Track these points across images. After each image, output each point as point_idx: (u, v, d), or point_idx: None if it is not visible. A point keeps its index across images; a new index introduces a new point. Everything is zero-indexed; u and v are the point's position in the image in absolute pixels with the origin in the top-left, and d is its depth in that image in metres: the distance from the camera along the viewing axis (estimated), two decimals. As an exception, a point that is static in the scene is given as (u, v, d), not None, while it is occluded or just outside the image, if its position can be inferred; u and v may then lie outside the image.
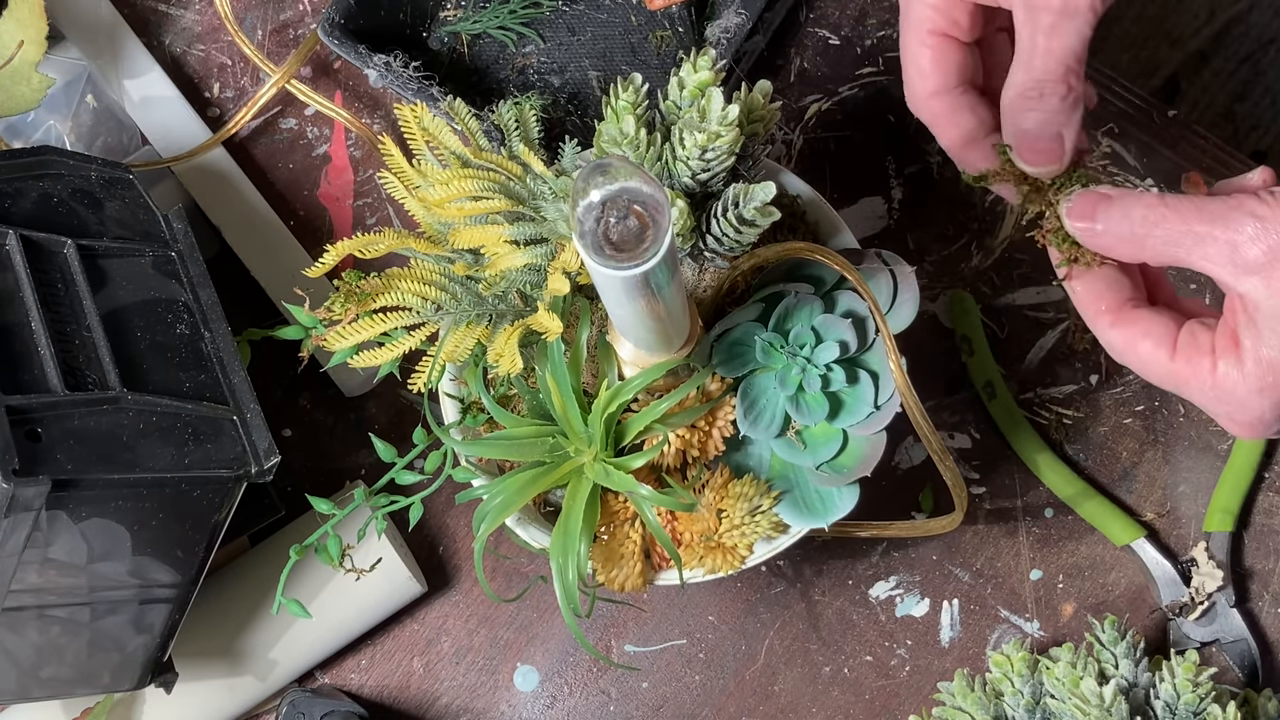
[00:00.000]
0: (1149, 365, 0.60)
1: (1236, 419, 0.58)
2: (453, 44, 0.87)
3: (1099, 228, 0.58)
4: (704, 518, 0.69)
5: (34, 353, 0.66)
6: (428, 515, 0.85)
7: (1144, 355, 0.59)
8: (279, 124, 0.90)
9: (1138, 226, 0.57)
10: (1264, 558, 0.82)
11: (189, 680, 0.79)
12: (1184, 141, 0.86)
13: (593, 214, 0.50)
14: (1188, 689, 0.70)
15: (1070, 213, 0.60)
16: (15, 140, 0.88)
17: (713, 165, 0.64)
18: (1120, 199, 0.58)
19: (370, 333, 0.66)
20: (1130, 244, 0.58)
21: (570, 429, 0.67)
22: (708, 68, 0.64)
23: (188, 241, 0.77)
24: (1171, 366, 0.59)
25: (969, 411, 0.85)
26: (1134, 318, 0.60)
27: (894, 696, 0.83)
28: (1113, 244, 0.59)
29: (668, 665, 0.84)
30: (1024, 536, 0.84)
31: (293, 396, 0.86)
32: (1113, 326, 0.60)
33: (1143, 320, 0.60)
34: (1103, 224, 0.58)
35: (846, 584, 0.84)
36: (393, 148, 0.68)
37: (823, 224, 0.74)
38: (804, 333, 0.68)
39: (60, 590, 0.68)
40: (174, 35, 0.91)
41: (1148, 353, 0.59)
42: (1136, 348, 0.60)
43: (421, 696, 0.84)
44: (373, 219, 0.89)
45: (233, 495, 0.69)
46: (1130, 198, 0.58)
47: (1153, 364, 0.59)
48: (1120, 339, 0.60)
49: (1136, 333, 0.60)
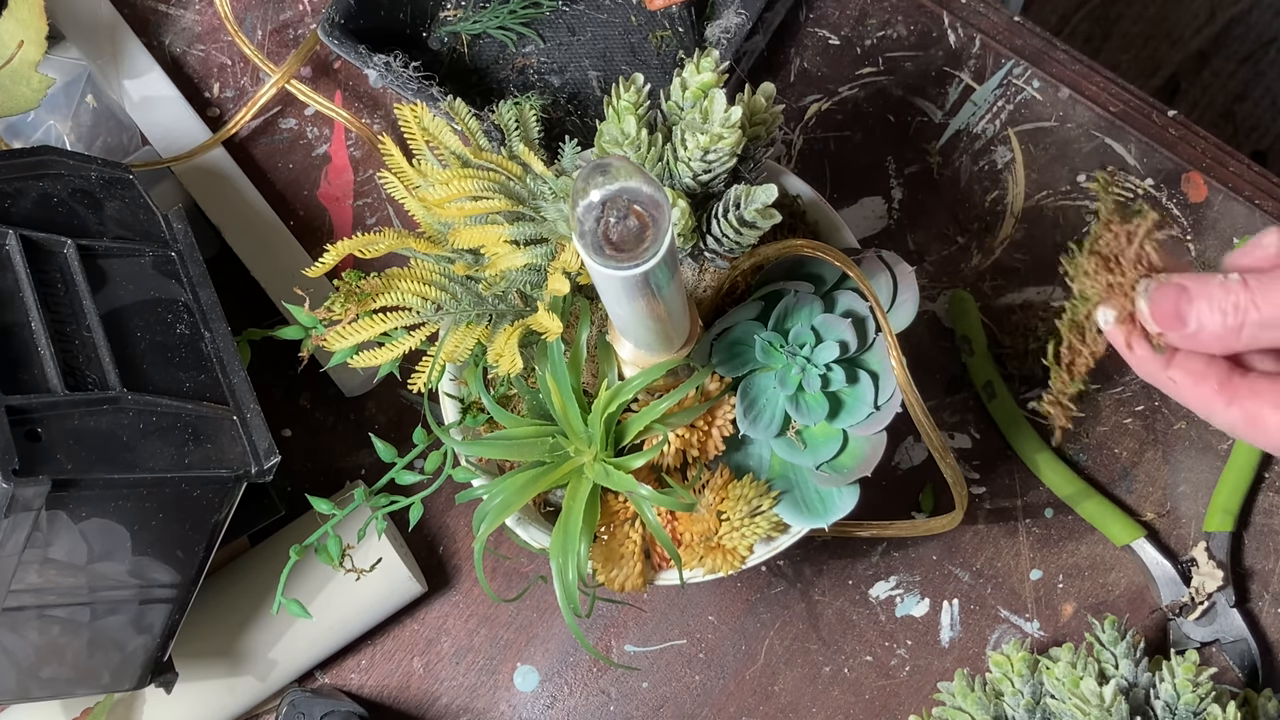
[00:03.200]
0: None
1: None
2: (453, 44, 0.87)
3: (1190, 324, 0.55)
4: (704, 518, 0.69)
5: (34, 353, 0.66)
6: (428, 515, 0.85)
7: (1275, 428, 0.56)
8: (279, 124, 0.90)
9: (1229, 318, 0.54)
10: (1264, 558, 0.82)
11: (189, 680, 0.79)
12: (1184, 141, 0.86)
13: (593, 214, 0.50)
14: (1188, 689, 0.70)
15: (1154, 315, 0.56)
16: (15, 140, 0.88)
17: (714, 167, 0.64)
18: (1202, 293, 0.55)
19: (370, 333, 0.66)
20: (1223, 337, 0.55)
21: (570, 429, 0.67)
22: (710, 69, 0.64)
23: (188, 241, 0.77)
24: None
25: (969, 411, 0.85)
26: (1251, 391, 0.56)
27: (894, 696, 0.83)
28: (1205, 340, 0.55)
29: (668, 665, 0.84)
30: (1024, 536, 0.84)
31: (293, 396, 0.86)
32: (1230, 405, 0.56)
33: (1263, 390, 0.56)
34: (1191, 321, 0.55)
35: (846, 584, 0.84)
36: (393, 148, 0.68)
37: (823, 224, 0.74)
38: (804, 332, 0.68)
39: (60, 590, 0.68)
40: (174, 35, 0.91)
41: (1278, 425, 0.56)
42: (1265, 421, 0.56)
43: (421, 696, 0.84)
44: (373, 219, 0.89)
45: (233, 495, 0.69)
46: (1212, 286, 0.55)
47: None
48: (1242, 417, 0.56)
49: (1262, 406, 0.56)
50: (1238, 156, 0.86)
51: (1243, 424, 0.56)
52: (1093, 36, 1.69)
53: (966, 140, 0.87)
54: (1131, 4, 1.69)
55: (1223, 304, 0.55)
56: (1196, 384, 0.57)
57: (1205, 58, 1.68)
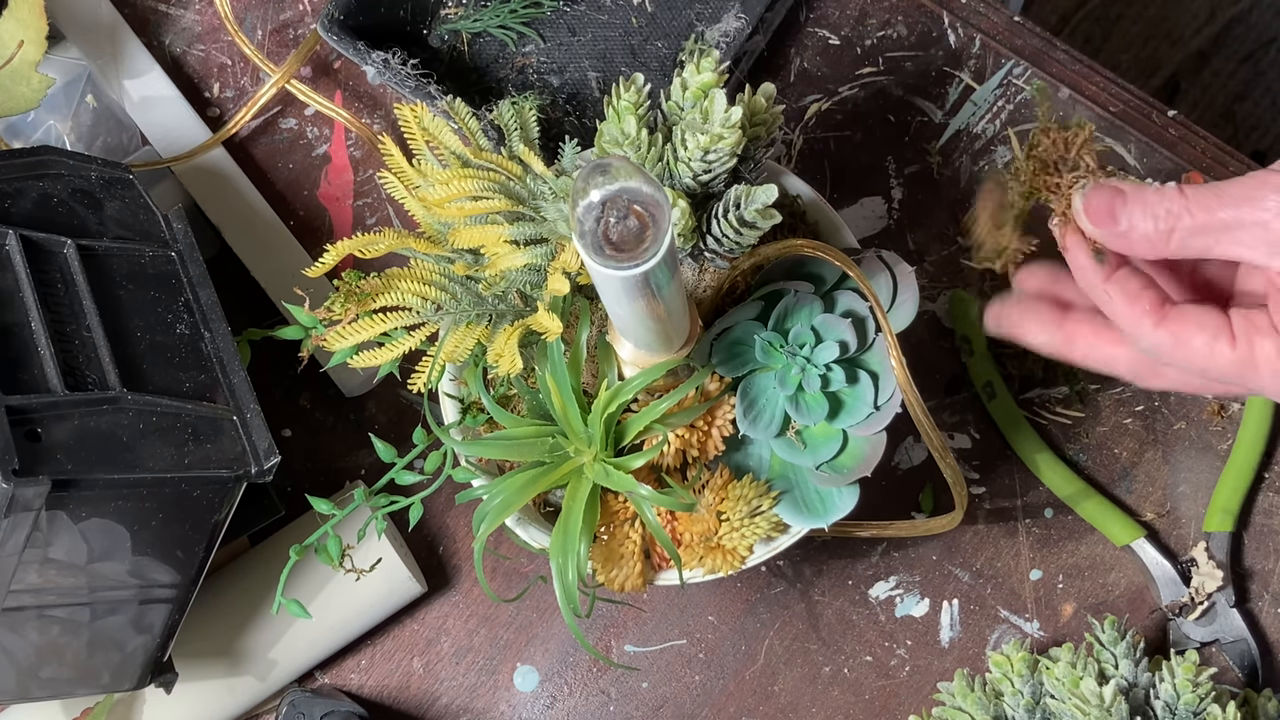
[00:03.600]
0: (1209, 359, 0.57)
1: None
2: (453, 42, 0.87)
3: (1121, 225, 0.57)
4: (704, 518, 0.69)
5: (34, 353, 0.66)
6: (427, 515, 0.85)
7: (1200, 349, 0.57)
8: (279, 124, 0.90)
9: (1160, 223, 0.56)
10: (1264, 558, 0.82)
11: (189, 680, 0.79)
12: (1184, 141, 0.86)
13: (593, 214, 0.50)
14: (1187, 689, 0.70)
15: (1088, 211, 0.58)
16: (15, 140, 0.88)
17: (714, 167, 0.64)
18: (1138, 196, 0.57)
19: (370, 333, 0.66)
20: (1155, 241, 0.56)
21: (570, 429, 0.67)
22: (710, 69, 0.64)
23: (188, 241, 0.77)
24: (1234, 355, 0.56)
25: (969, 411, 0.85)
26: (1179, 314, 0.58)
27: (894, 696, 0.83)
28: (1137, 243, 0.57)
29: (668, 665, 0.84)
30: (1024, 536, 0.84)
31: (293, 396, 0.86)
32: (1158, 326, 0.58)
33: (1191, 314, 0.57)
34: (1125, 223, 0.57)
35: (846, 584, 0.84)
36: (393, 148, 0.68)
37: (823, 224, 0.74)
38: (804, 332, 0.68)
39: (60, 590, 0.68)
40: (174, 35, 0.91)
41: (1203, 346, 0.57)
42: (1191, 343, 0.57)
43: (421, 696, 0.84)
44: (373, 219, 0.89)
45: (233, 495, 0.69)
46: (1149, 194, 0.56)
47: (1214, 357, 0.57)
48: (1169, 338, 0.57)
49: (1187, 328, 0.57)
50: (1238, 156, 0.86)
51: (1169, 345, 0.58)
52: (1093, 36, 1.69)
53: (966, 140, 0.87)
54: (1131, 4, 1.69)
55: (1155, 208, 0.56)
56: (1130, 303, 0.58)
57: (1205, 58, 1.68)
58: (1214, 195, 0.55)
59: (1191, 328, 0.57)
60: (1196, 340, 0.57)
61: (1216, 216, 0.55)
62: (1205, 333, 0.57)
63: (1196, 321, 0.57)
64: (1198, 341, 0.57)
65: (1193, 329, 0.57)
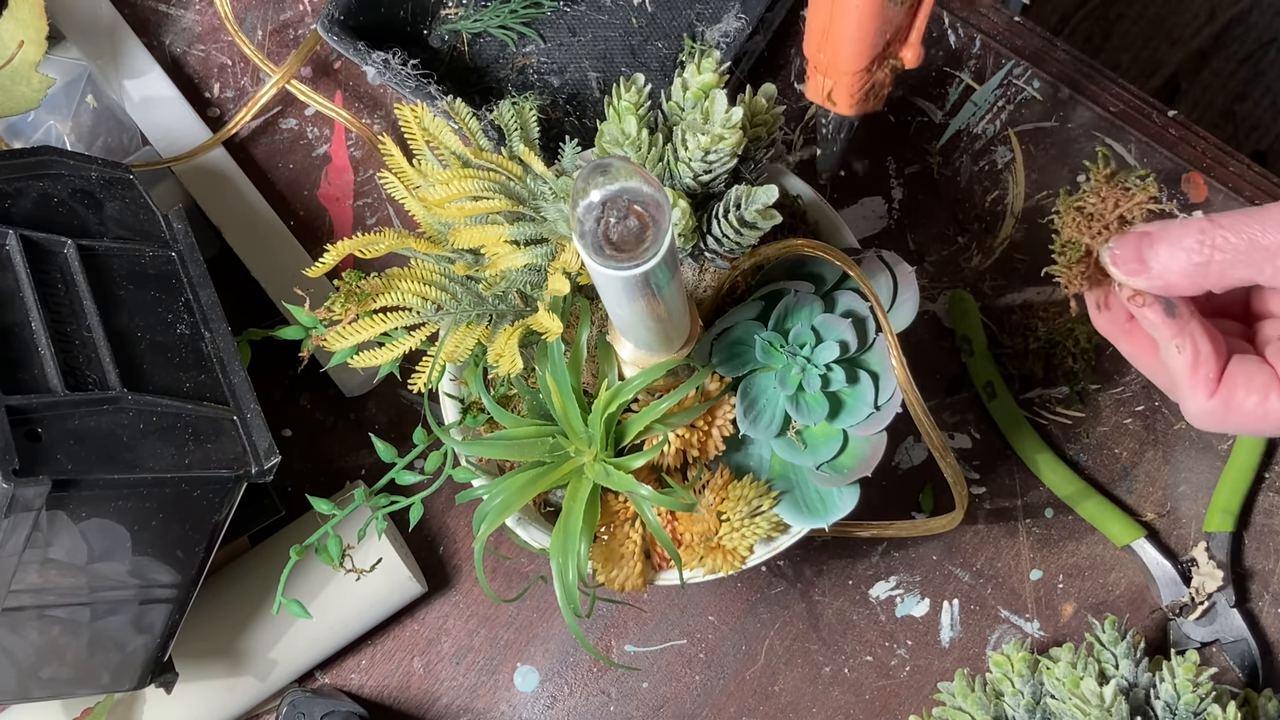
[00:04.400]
0: (1264, 419, 0.55)
1: None
2: (453, 42, 0.87)
3: (1153, 266, 0.54)
4: (704, 518, 0.69)
5: (34, 353, 0.66)
6: (428, 515, 0.85)
7: (1253, 410, 0.55)
8: (279, 124, 0.90)
9: (1195, 255, 0.53)
10: (1264, 558, 0.82)
11: (189, 680, 0.79)
12: (1184, 142, 0.86)
13: (593, 214, 0.50)
14: (1188, 689, 0.70)
15: (1114, 260, 0.55)
16: (15, 140, 0.88)
17: (715, 167, 0.64)
18: (1163, 231, 0.54)
19: (370, 333, 0.66)
20: (1191, 276, 0.53)
21: (570, 429, 0.67)
22: (711, 70, 0.64)
23: (188, 241, 0.77)
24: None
25: (969, 411, 0.85)
26: (1227, 378, 0.55)
27: (894, 696, 0.83)
28: (1173, 281, 0.54)
29: (668, 665, 0.84)
30: (1024, 536, 0.84)
31: (293, 396, 0.86)
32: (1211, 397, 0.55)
33: (1237, 375, 0.55)
34: (1154, 262, 0.54)
35: (847, 584, 0.84)
36: (393, 148, 0.68)
37: (823, 224, 0.74)
38: (804, 332, 0.68)
39: (60, 590, 0.68)
40: (174, 35, 0.91)
41: (1256, 406, 0.55)
42: (1243, 406, 0.55)
43: (422, 696, 0.84)
44: (373, 219, 0.89)
45: (233, 495, 0.69)
46: (1175, 227, 0.54)
47: (1269, 415, 0.55)
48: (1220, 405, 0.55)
49: (1236, 392, 0.55)
50: (1238, 156, 0.86)
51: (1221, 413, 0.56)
52: (1093, 36, 1.69)
53: (967, 140, 0.87)
54: (1131, 4, 1.69)
55: (1182, 241, 0.53)
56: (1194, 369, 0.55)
57: (1205, 58, 1.68)
58: (1254, 220, 0.52)
59: (1240, 391, 0.55)
60: (1248, 402, 0.55)
61: (1256, 241, 0.52)
62: (1255, 392, 0.55)
63: (1245, 383, 0.55)
64: (1250, 403, 0.55)
65: (1242, 392, 0.55)
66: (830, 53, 0.62)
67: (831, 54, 0.62)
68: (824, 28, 0.61)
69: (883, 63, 0.62)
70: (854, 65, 0.62)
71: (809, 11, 0.62)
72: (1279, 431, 0.56)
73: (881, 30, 0.61)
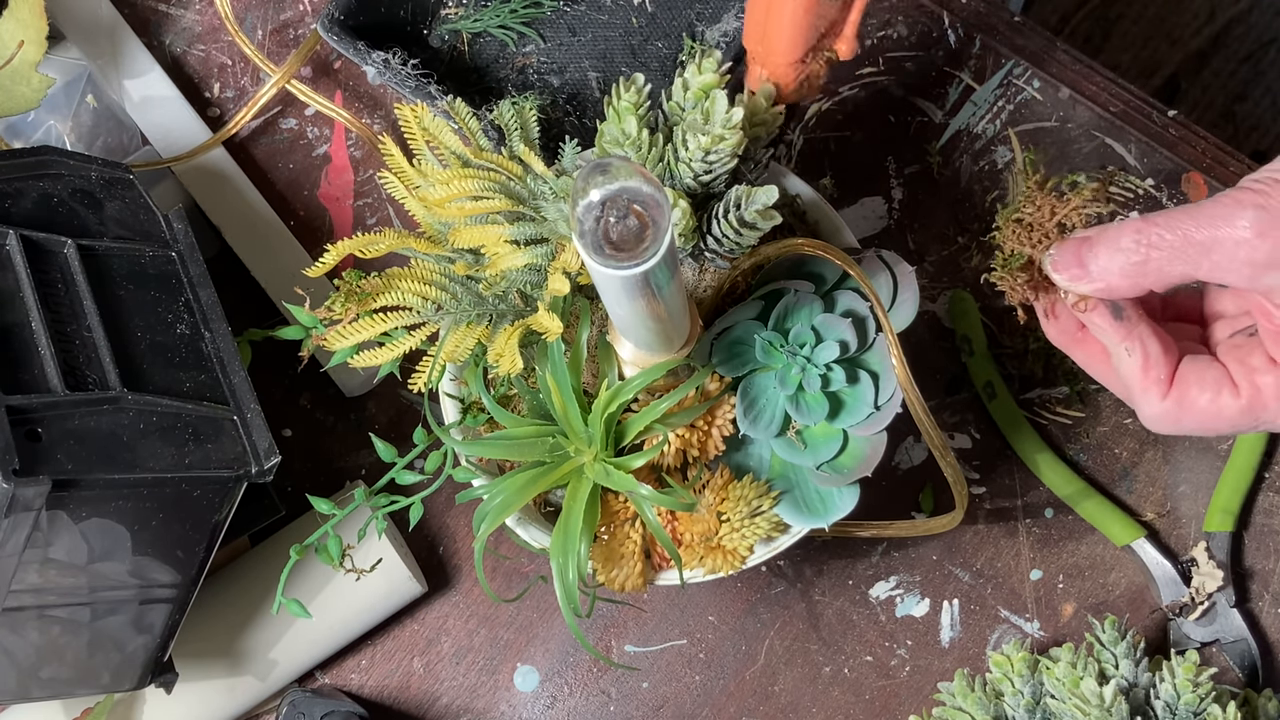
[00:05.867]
0: (1218, 416, 0.55)
1: None
2: (453, 42, 0.87)
3: (1093, 270, 0.55)
4: (704, 518, 0.69)
5: (34, 353, 0.66)
6: (428, 515, 0.85)
7: (1206, 408, 0.55)
8: (279, 124, 0.90)
9: (1132, 255, 0.53)
10: (1264, 558, 0.82)
11: (189, 680, 0.79)
12: (1184, 142, 0.86)
13: (593, 214, 0.50)
14: (1188, 689, 0.70)
15: (1055, 267, 0.56)
16: (15, 140, 0.88)
17: (715, 167, 0.64)
18: (1100, 234, 0.55)
19: (370, 333, 0.66)
20: (1130, 275, 0.54)
21: (570, 429, 0.67)
22: (712, 70, 0.64)
23: (188, 241, 0.77)
24: (1241, 403, 0.54)
25: (969, 411, 0.85)
26: (1179, 378, 0.56)
27: (894, 697, 0.83)
28: (1115, 283, 0.54)
29: (668, 665, 0.84)
30: (1024, 536, 0.84)
31: (293, 396, 0.86)
32: (1164, 398, 0.56)
33: (1189, 374, 0.55)
34: (1093, 266, 0.55)
35: (847, 584, 0.84)
36: (393, 148, 0.68)
37: (823, 224, 0.74)
38: (804, 332, 0.68)
39: (60, 590, 0.68)
40: (174, 35, 0.91)
41: (1209, 404, 0.55)
42: (1196, 405, 0.55)
43: (422, 697, 0.84)
44: (373, 219, 0.89)
45: (233, 495, 0.69)
46: (1111, 230, 0.54)
47: (1221, 412, 0.55)
48: (1174, 406, 0.55)
49: (1189, 390, 0.55)
50: (1238, 156, 0.86)
51: (1175, 413, 0.56)
52: (1093, 36, 1.69)
53: (967, 140, 0.87)
54: (1131, 4, 1.69)
55: (1119, 241, 0.54)
56: (1145, 370, 0.56)
57: (1205, 58, 1.68)
58: (1187, 216, 0.53)
59: (1193, 390, 0.56)
60: (1201, 400, 0.55)
61: (1190, 238, 0.52)
62: (1207, 390, 0.55)
63: (1197, 381, 0.56)
64: (1203, 401, 0.55)
65: (1194, 390, 0.56)
66: (767, 45, 0.64)
67: (768, 46, 0.64)
68: (762, 21, 0.63)
69: (817, 54, 0.64)
70: (789, 57, 0.64)
71: (748, 5, 0.64)
72: (1233, 429, 0.56)
73: (815, 24, 0.62)
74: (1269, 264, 0.51)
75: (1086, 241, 0.55)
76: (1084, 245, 0.55)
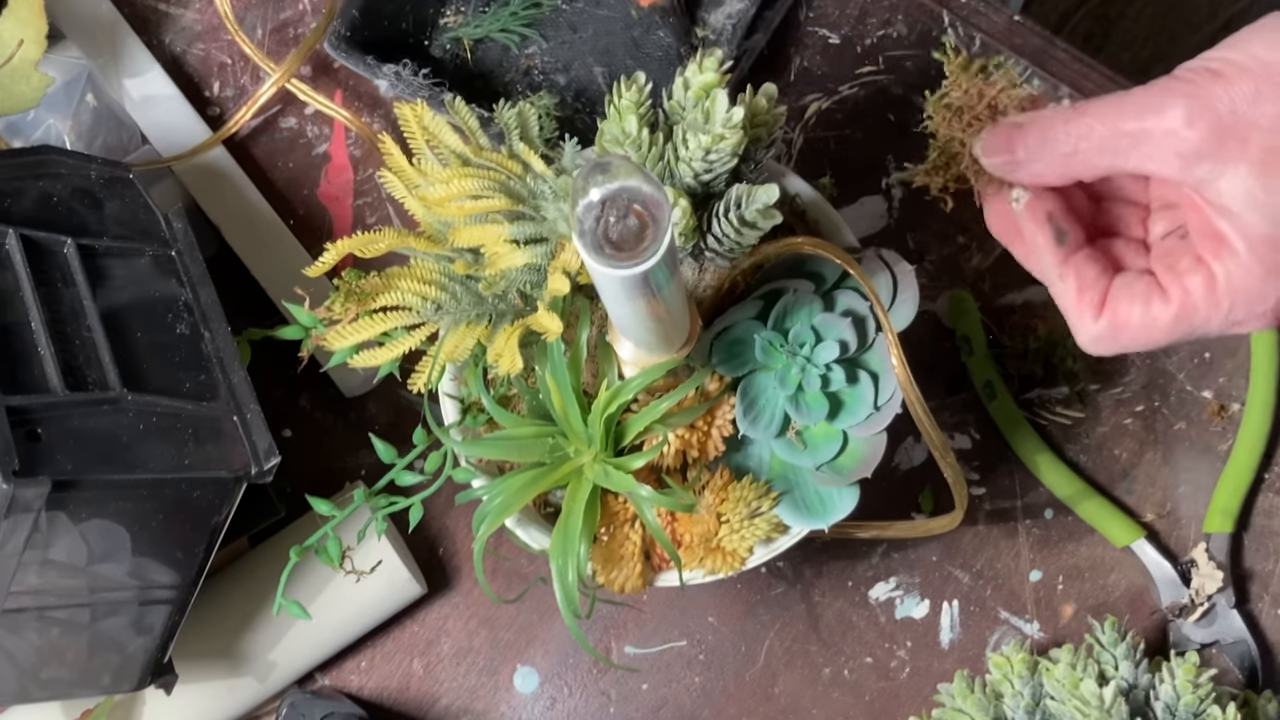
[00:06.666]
0: (1152, 328, 0.53)
1: (1258, 313, 0.52)
2: (455, 50, 0.87)
3: (1020, 156, 0.54)
4: (704, 519, 0.69)
5: (34, 353, 0.66)
6: (428, 516, 0.85)
7: (1139, 321, 0.53)
8: (279, 123, 0.90)
9: (1062, 145, 0.52)
10: (1264, 559, 0.82)
11: (189, 682, 0.79)
12: (1185, 142, 0.86)
13: (592, 213, 0.50)
14: (1188, 690, 0.70)
15: (985, 150, 0.55)
16: (15, 139, 0.88)
17: (715, 167, 0.64)
18: (1033, 122, 0.54)
19: (370, 332, 0.66)
20: (1060, 165, 0.53)
21: (570, 429, 0.67)
22: (713, 69, 0.64)
23: (188, 241, 0.77)
24: (1173, 309, 0.53)
25: (969, 412, 0.85)
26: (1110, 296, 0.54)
27: (894, 698, 0.83)
28: (1041, 171, 0.54)
29: (668, 667, 0.84)
30: (1024, 537, 0.84)
31: (293, 396, 0.86)
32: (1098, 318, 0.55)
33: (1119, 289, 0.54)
34: (1023, 152, 0.54)
35: (846, 585, 0.84)
36: (393, 147, 0.68)
37: (823, 223, 0.74)
38: (804, 332, 0.68)
39: (60, 591, 0.68)
40: (174, 34, 0.91)
41: (1141, 316, 0.53)
42: (1130, 320, 0.54)
43: (421, 698, 0.84)
44: (373, 218, 0.89)
45: (233, 496, 0.69)
46: (1044, 118, 0.53)
47: (1155, 323, 0.53)
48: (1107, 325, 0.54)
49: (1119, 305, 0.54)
50: (1238, 157, 0.86)
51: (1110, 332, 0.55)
52: (1093, 36, 1.69)
53: (967, 140, 0.87)
54: (1131, 3, 1.69)
55: (1052, 130, 0.53)
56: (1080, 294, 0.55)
57: (1205, 58, 1.68)
58: (1115, 106, 0.51)
59: (1123, 305, 0.54)
60: (1133, 315, 0.54)
61: (1120, 129, 0.51)
62: (1136, 303, 0.54)
63: (1126, 296, 0.54)
64: (1135, 315, 0.54)
65: (1124, 305, 0.54)
66: None
67: None
68: None
69: None
70: None
71: None
72: (1169, 339, 0.54)
73: None
74: (1198, 155, 0.50)
75: (1018, 129, 0.54)
76: (1015, 132, 0.54)
